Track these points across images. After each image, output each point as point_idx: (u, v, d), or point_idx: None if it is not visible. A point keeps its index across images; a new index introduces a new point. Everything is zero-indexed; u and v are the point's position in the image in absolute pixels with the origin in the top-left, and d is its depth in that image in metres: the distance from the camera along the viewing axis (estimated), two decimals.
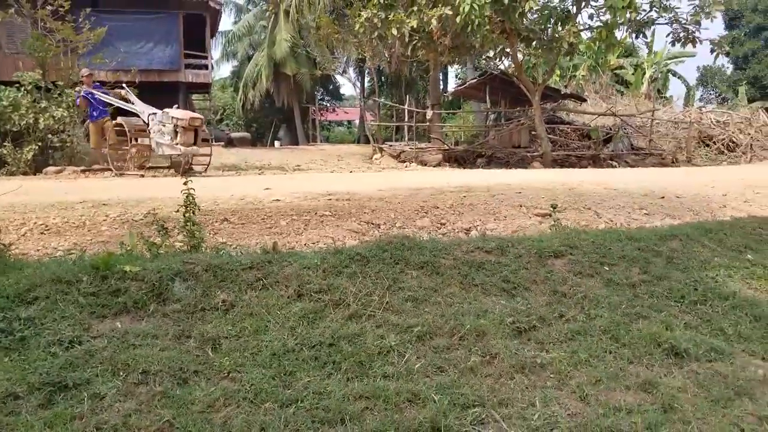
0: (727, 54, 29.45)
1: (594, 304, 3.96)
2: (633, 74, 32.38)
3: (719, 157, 21.96)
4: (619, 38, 14.36)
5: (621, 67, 32.98)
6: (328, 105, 39.58)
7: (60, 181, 9.70)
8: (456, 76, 35.52)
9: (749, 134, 22.82)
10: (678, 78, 34.56)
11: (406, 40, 13.12)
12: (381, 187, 7.82)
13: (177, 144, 10.17)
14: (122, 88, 12.17)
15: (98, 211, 5.83)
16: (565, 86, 26.58)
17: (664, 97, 31.02)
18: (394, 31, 12.89)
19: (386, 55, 16.86)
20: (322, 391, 2.92)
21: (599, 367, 3.24)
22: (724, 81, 36.90)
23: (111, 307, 3.41)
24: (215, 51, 32.43)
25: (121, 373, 2.91)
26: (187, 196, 4.32)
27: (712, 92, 38.56)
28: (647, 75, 32.51)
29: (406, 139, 20.40)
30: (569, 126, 21.49)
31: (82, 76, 11.83)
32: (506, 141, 20.02)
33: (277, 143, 31.82)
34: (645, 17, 13.62)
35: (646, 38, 14.17)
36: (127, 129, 10.97)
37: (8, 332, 3.06)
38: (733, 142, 22.65)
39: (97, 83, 12.18)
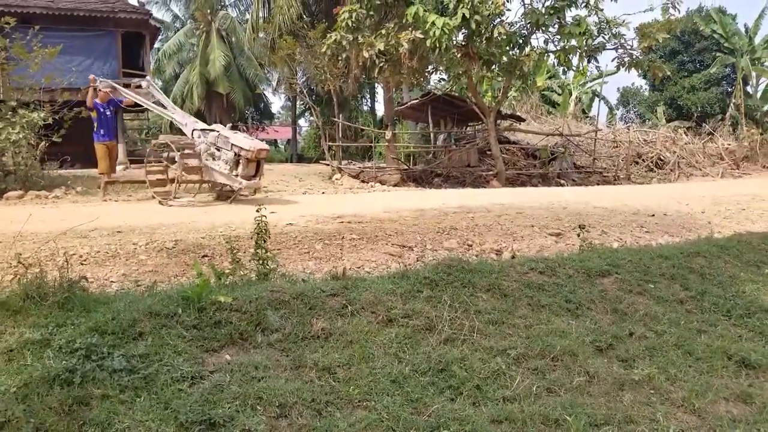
0: (644, 77, 31.69)
1: (655, 321, 4.28)
2: (560, 95, 34.31)
3: (649, 174, 23.58)
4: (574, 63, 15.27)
5: (548, 89, 34.90)
6: (259, 124, 39.15)
7: (43, 206, 9.10)
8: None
9: (674, 152, 24.74)
10: (601, 99, 36.88)
11: (376, 62, 13.34)
12: (383, 209, 7.92)
13: (237, 176, 8.51)
14: (141, 83, 10.78)
15: (121, 239, 5.59)
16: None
17: (589, 117, 32.94)
18: (365, 54, 13.09)
19: (345, 76, 17.01)
20: (457, 416, 3.00)
21: (690, 381, 3.53)
22: (643, 102, 39.74)
23: (217, 340, 3.34)
24: None
25: (259, 408, 2.87)
26: (258, 224, 4.27)
27: (632, 112, 41.41)
28: (573, 96, 34.60)
29: (338, 158, 20.36)
30: (515, 145, 22.46)
31: (99, 90, 10.32)
32: (457, 161, 20.64)
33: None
34: (596, 43, 14.62)
35: (598, 63, 15.15)
36: (174, 147, 8.95)
37: (130, 370, 2.93)
38: (661, 160, 24.46)
39: (117, 100, 10.81)
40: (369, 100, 37.06)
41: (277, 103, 55.20)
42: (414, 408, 3.06)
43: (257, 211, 4.36)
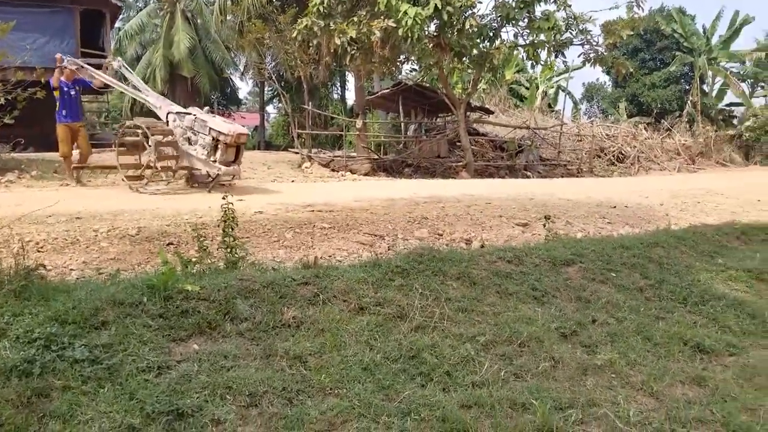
0: (607, 73, 32.44)
1: (617, 308, 4.40)
2: (528, 89, 34.82)
3: (611, 167, 24.16)
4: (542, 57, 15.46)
5: (516, 82, 35.36)
6: (225, 109, 38.35)
7: None
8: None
9: (635, 147, 25.44)
10: (566, 94, 37.52)
11: (347, 49, 13.24)
12: (354, 198, 7.91)
13: (215, 161, 8.08)
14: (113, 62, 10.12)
15: (81, 226, 5.43)
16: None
17: (554, 111, 33.52)
18: (336, 40, 12.98)
19: (316, 63, 16.83)
20: (427, 402, 3.03)
21: (648, 366, 3.65)
22: (606, 97, 40.63)
23: (185, 329, 3.28)
24: None
25: (228, 397, 2.84)
26: (225, 212, 4.20)
27: (595, 107, 42.31)
28: (540, 90, 35.15)
29: (308, 146, 20.11)
30: (484, 137, 22.68)
31: (64, 68, 9.66)
32: (428, 151, 20.73)
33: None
34: (564, 38, 14.83)
35: (565, 58, 15.40)
36: (148, 132, 8.32)
37: (93, 360, 2.86)
38: (622, 154, 25.11)
39: (84, 80, 10.19)
40: (339, 88, 36.82)
41: (244, 88, 54.39)
42: (385, 395, 3.07)
43: (223, 198, 4.28)
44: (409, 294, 4.08)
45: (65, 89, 9.81)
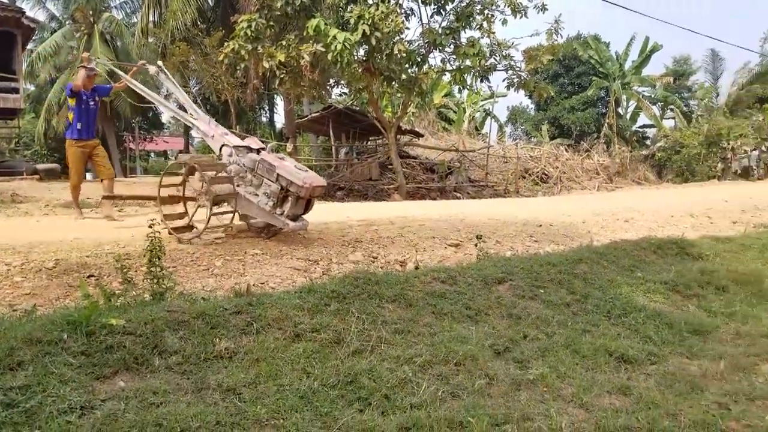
0: (530, 97, 34.06)
1: (546, 323, 4.56)
2: (456, 113, 35.98)
3: (535, 187, 25.23)
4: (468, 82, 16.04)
5: (445, 106, 36.48)
6: (147, 134, 36.94)
7: None
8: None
9: (557, 167, 26.73)
10: (492, 117, 39.02)
11: (276, 73, 13.22)
12: None
13: (282, 215, 6.25)
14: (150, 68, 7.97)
15: None
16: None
17: (481, 134, 34.75)
18: (265, 64, 12.93)
19: (244, 86, 16.69)
20: (366, 427, 3.01)
21: (578, 378, 3.79)
22: (529, 120, 42.55)
23: (109, 366, 3.11)
24: None
25: None
26: (151, 241, 4.04)
27: (519, 129, 44.18)
28: (467, 114, 36.42)
29: None
30: (415, 160, 23.13)
31: (91, 70, 7.87)
32: (359, 174, 20.89)
33: (89, 175, 28.67)
34: (489, 64, 15.47)
35: (490, 83, 16.03)
36: (197, 170, 6.41)
37: (8, 404, 2.65)
38: (546, 174, 26.30)
39: (103, 87, 8.62)
40: (268, 111, 36.55)
41: (167, 112, 52.78)
42: (323, 422, 3.03)
43: (149, 227, 4.12)
44: (345, 318, 4.06)
45: (84, 98, 7.98)
